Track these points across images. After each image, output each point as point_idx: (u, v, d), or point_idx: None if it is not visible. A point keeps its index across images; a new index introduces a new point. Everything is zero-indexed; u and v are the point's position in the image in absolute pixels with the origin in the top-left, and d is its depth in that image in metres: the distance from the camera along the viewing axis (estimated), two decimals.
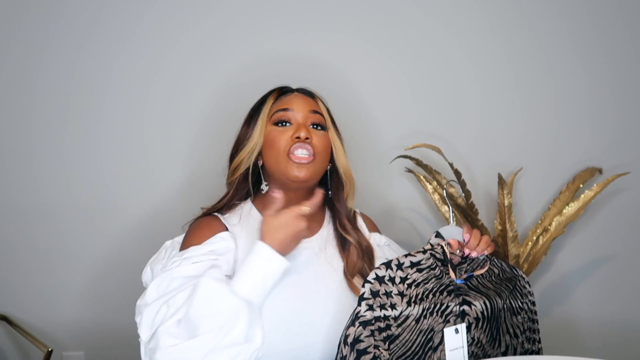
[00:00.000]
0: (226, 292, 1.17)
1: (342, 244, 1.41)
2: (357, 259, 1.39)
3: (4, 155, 1.85)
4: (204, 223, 1.37)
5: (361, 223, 1.49)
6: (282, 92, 1.45)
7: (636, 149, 1.93)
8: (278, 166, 1.36)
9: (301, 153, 1.35)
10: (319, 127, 1.40)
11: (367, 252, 1.42)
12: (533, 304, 1.36)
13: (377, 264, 1.42)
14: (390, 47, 1.90)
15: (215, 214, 1.40)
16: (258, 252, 1.22)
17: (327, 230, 1.43)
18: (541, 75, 1.92)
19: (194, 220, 1.40)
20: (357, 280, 1.37)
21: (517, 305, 1.35)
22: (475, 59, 1.92)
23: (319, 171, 1.38)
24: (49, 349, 1.76)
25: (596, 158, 1.92)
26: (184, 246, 1.34)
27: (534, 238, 1.85)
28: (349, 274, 1.36)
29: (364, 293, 1.19)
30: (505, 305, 1.33)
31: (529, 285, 1.36)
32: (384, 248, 1.46)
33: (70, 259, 1.87)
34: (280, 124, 1.39)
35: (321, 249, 1.39)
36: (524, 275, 1.35)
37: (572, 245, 1.94)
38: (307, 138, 1.36)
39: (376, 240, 1.47)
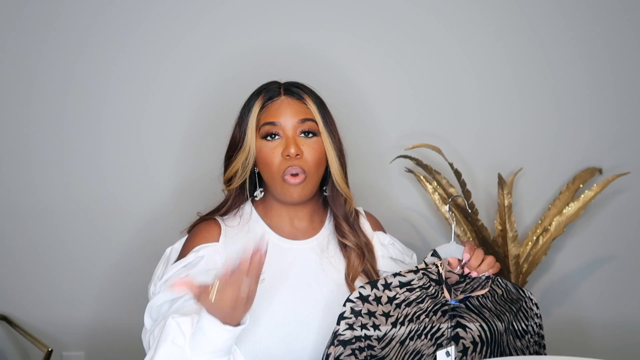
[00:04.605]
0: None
1: (343, 244, 1.40)
2: (358, 263, 1.37)
3: (4, 156, 1.86)
4: (199, 230, 1.37)
5: (363, 221, 1.47)
6: (268, 96, 1.36)
7: (636, 149, 1.93)
8: (274, 187, 1.35)
9: (293, 180, 1.31)
10: (310, 135, 1.34)
11: (368, 251, 1.40)
12: (540, 326, 1.29)
13: (378, 263, 1.42)
14: (390, 47, 1.90)
15: (216, 217, 1.40)
16: (205, 328, 1.10)
17: (328, 229, 1.42)
18: (541, 75, 1.92)
19: (193, 226, 1.41)
20: (361, 280, 1.36)
21: (521, 328, 1.28)
22: (476, 58, 1.91)
23: (313, 187, 1.36)
24: (49, 349, 1.76)
25: (596, 158, 1.92)
26: (181, 254, 1.35)
27: (534, 238, 1.85)
28: (349, 278, 1.35)
29: (344, 312, 1.15)
30: (508, 329, 1.27)
31: (537, 307, 1.28)
32: (387, 247, 1.45)
33: (71, 259, 1.87)
34: (269, 137, 1.34)
35: (323, 249, 1.38)
36: (532, 297, 1.28)
37: (572, 245, 1.94)
38: (297, 154, 1.31)
39: (380, 239, 1.45)
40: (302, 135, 1.34)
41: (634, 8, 1.92)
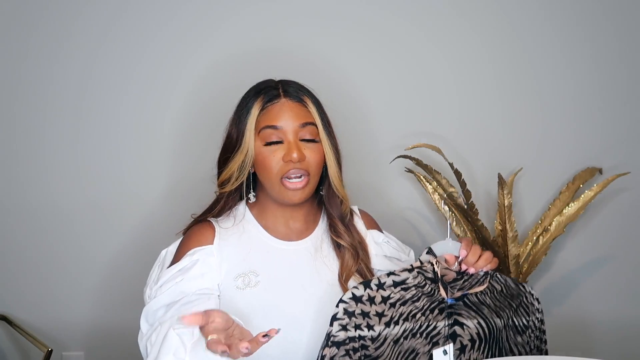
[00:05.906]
0: None
1: (337, 244, 1.39)
2: (352, 263, 1.37)
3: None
4: (193, 233, 1.37)
5: (357, 220, 1.46)
6: (267, 98, 1.34)
7: (636, 149, 1.93)
8: (272, 189, 1.34)
9: (295, 179, 1.31)
10: (310, 140, 1.34)
11: (362, 250, 1.40)
12: (541, 321, 1.27)
13: (372, 261, 1.42)
14: (390, 47, 1.90)
15: (209, 218, 1.39)
16: None
17: (322, 228, 1.42)
18: (542, 75, 1.92)
19: (188, 228, 1.40)
20: (355, 280, 1.36)
21: (522, 324, 1.26)
22: (476, 58, 1.91)
23: (313, 188, 1.36)
24: (49, 349, 1.76)
25: (596, 158, 1.92)
26: (176, 257, 1.35)
27: (534, 238, 1.85)
28: (342, 278, 1.35)
29: (336, 313, 1.15)
30: (507, 325, 1.26)
31: (538, 302, 1.27)
32: (382, 245, 1.44)
33: (70, 259, 1.87)
34: (269, 143, 1.32)
35: (316, 249, 1.38)
36: (532, 292, 1.26)
37: (572, 245, 1.94)
38: (300, 159, 1.30)
39: (374, 237, 1.45)
40: (303, 140, 1.34)
41: (637, 6, 1.92)
